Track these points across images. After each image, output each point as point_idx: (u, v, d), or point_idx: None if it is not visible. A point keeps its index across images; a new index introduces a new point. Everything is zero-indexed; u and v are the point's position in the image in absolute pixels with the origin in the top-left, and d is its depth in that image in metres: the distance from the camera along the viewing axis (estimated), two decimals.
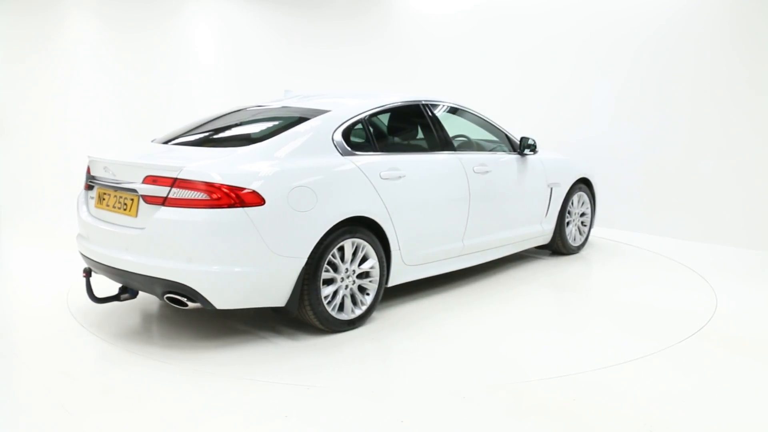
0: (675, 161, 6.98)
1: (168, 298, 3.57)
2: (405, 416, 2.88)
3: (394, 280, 4.25)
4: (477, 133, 5.25)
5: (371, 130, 4.26)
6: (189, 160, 3.56)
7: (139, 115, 8.40)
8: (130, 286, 3.82)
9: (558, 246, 5.79)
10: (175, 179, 3.42)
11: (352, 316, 3.94)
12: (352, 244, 3.88)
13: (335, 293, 3.87)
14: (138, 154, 3.99)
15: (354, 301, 3.99)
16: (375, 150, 4.18)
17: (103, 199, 3.88)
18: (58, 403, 2.99)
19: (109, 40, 8.54)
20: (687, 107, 6.93)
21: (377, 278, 4.04)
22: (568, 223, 5.81)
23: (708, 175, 6.77)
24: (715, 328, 4.05)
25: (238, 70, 9.04)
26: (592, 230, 6.25)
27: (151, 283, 3.53)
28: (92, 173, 4.05)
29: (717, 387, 3.23)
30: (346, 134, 4.04)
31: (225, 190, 3.37)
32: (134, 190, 3.58)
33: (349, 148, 3.99)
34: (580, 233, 6.02)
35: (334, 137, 3.95)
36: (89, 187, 4.07)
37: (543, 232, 5.54)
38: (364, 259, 3.99)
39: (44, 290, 4.82)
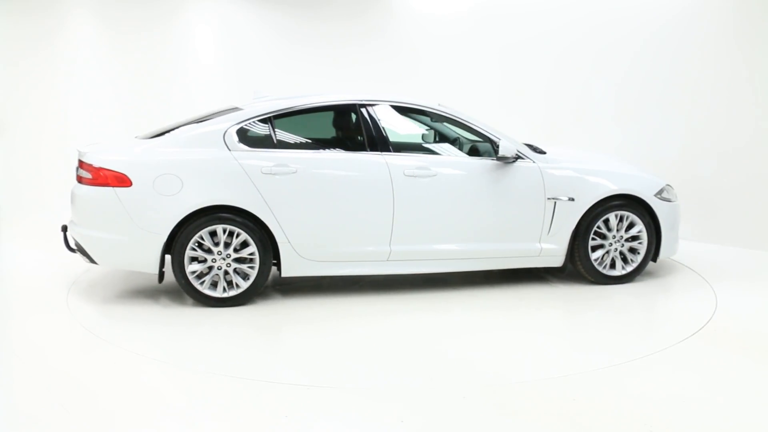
0: (675, 161, 6.98)
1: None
2: (405, 416, 2.88)
3: (289, 272, 4.50)
4: (468, 137, 5.03)
5: (275, 128, 4.54)
6: (96, 148, 4.49)
7: (139, 115, 8.38)
8: None
9: (580, 271, 4.95)
10: (81, 162, 4.39)
11: (224, 295, 4.38)
12: (224, 230, 4.31)
13: (210, 271, 4.36)
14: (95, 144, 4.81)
15: (230, 283, 4.39)
16: (271, 147, 4.48)
17: None
18: (58, 403, 2.99)
19: (110, 41, 8.53)
20: (686, 107, 6.92)
21: (257, 265, 4.37)
22: (599, 247, 4.91)
23: (708, 175, 6.76)
24: (715, 328, 4.05)
25: (238, 70, 9.03)
26: (652, 259, 5.06)
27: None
28: None
29: (717, 387, 3.23)
30: (243, 131, 4.47)
31: (101, 172, 4.26)
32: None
33: (240, 144, 4.42)
34: (627, 261, 4.99)
35: (226, 133, 4.42)
36: None
37: (544, 252, 4.82)
38: (246, 245, 4.36)
39: (44, 290, 4.82)
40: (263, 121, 4.53)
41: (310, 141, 4.65)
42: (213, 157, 4.35)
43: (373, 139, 4.62)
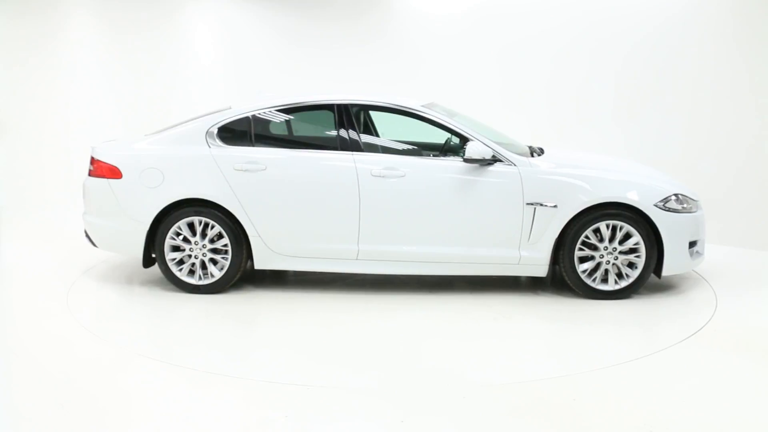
0: (674, 161, 6.98)
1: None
2: (405, 416, 2.88)
3: (261, 264, 4.67)
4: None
5: (254, 126, 4.73)
6: (107, 144, 4.91)
7: (139, 115, 8.40)
8: None
9: (567, 283, 4.62)
10: (91, 156, 4.82)
11: (199, 283, 4.64)
12: (200, 222, 4.58)
13: (189, 258, 4.63)
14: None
15: (205, 271, 4.64)
16: (248, 145, 4.68)
17: None
18: (58, 403, 2.99)
19: (110, 41, 8.54)
20: (686, 107, 6.93)
21: (229, 256, 4.59)
22: (589, 258, 4.55)
23: (708, 175, 6.76)
24: (715, 329, 4.05)
25: (238, 70, 9.03)
26: (656, 275, 4.65)
27: None
28: None
29: (716, 387, 3.23)
30: (225, 129, 4.70)
31: (98, 164, 4.73)
32: None
33: (219, 141, 4.67)
34: (622, 276, 4.57)
35: (209, 131, 4.67)
36: None
37: (524, 260, 4.56)
38: (221, 237, 4.61)
39: (44, 290, 4.82)
40: (244, 120, 4.71)
41: (284, 139, 4.85)
42: (193, 154, 4.63)
43: (345, 139, 4.65)
